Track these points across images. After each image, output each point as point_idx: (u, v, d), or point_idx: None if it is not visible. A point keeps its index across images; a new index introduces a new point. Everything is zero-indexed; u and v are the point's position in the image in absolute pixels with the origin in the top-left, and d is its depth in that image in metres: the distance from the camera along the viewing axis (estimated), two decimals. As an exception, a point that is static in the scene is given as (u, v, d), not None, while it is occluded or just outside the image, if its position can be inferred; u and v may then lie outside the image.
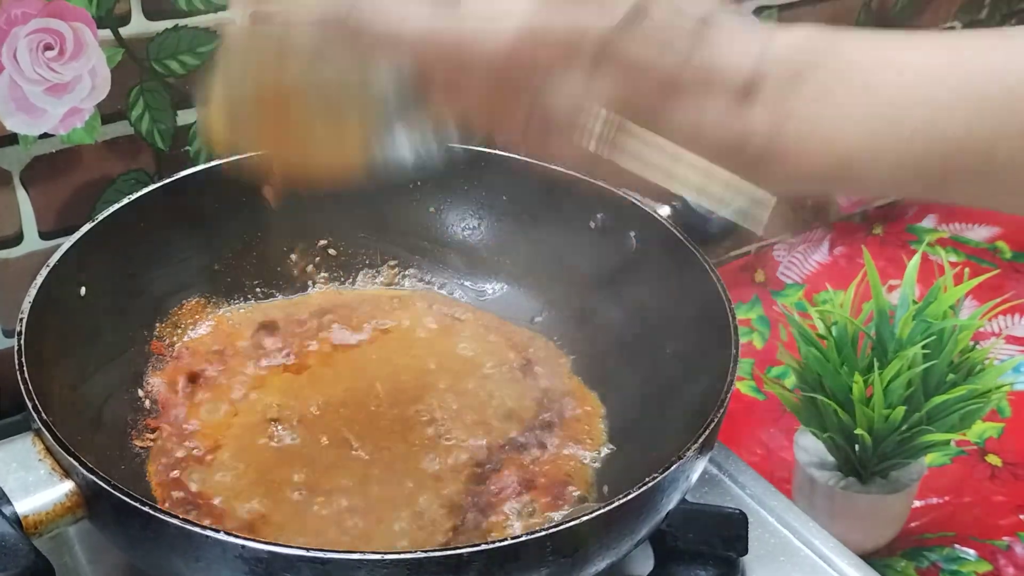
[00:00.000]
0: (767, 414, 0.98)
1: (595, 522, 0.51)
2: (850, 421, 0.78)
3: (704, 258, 0.69)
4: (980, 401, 0.77)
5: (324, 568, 0.48)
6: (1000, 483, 0.92)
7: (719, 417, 0.58)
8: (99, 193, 0.76)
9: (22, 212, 0.74)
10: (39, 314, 0.61)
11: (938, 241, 1.24)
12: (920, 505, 0.89)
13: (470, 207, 0.81)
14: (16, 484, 0.53)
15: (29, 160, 0.72)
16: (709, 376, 0.63)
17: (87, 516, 0.54)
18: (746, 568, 0.67)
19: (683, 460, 0.55)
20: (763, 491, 0.74)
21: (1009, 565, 0.85)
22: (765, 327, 1.09)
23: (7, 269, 0.74)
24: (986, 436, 0.96)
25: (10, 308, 0.74)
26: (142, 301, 0.72)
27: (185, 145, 0.78)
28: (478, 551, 0.49)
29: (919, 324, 0.78)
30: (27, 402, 0.55)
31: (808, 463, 0.84)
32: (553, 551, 0.51)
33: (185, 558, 0.50)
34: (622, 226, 0.75)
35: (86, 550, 0.65)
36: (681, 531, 0.64)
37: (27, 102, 0.70)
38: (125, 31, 0.72)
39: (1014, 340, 1.07)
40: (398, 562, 0.48)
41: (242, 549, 0.48)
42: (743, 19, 0.45)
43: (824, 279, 1.15)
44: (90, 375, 0.66)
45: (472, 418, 0.70)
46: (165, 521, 0.49)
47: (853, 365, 0.79)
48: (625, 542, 0.55)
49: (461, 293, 0.81)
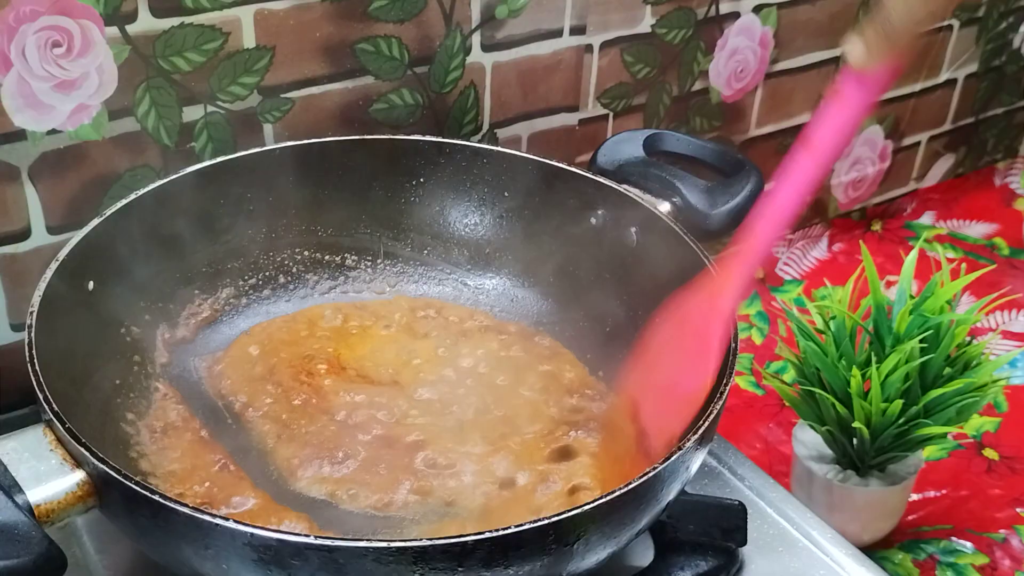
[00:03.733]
0: (766, 408, 0.99)
1: (596, 511, 0.52)
2: (848, 415, 0.78)
3: (704, 253, 0.69)
4: (977, 395, 0.78)
5: (331, 555, 0.49)
6: (997, 476, 0.93)
7: (718, 409, 0.59)
8: (106, 188, 0.76)
9: (30, 207, 0.74)
10: (48, 308, 0.62)
11: (936, 237, 1.25)
12: (917, 498, 0.90)
13: (472, 204, 0.82)
14: (28, 473, 0.53)
15: (37, 156, 0.73)
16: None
17: (98, 505, 0.55)
18: (745, 558, 0.68)
19: (682, 451, 0.56)
20: (762, 483, 0.75)
21: (1005, 557, 0.85)
22: (764, 323, 1.09)
23: (16, 264, 0.75)
24: (983, 430, 0.97)
25: (19, 302, 0.75)
26: (149, 295, 0.72)
27: (191, 141, 0.79)
28: (482, 539, 0.50)
29: (916, 319, 0.79)
30: (38, 394, 0.56)
31: (806, 456, 0.85)
32: (555, 539, 0.52)
33: (195, 546, 0.51)
34: (623, 222, 0.75)
35: (94, 540, 0.66)
36: (681, 522, 0.65)
37: (35, 98, 0.71)
38: (132, 28, 0.73)
39: (1010, 335, 1.08)
40: (404, 549, 0.49)
41: (251, 537, 0.49)
42: None
43: (823, 275, 1.15)
44: (99, 367, 0.67)
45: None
46: (175, 510, 0.50)
47: (851, 359, 0.80)
48: (625, 532, 0.56)
49: (462, 289, 0.81)
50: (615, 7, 0.94)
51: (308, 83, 0.82)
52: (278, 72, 0.80)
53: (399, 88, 0.86)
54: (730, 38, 1.03)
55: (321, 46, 0.81)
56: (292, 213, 0.79)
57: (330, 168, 0.79)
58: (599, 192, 0.76)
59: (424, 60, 0.86)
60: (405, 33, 0.84)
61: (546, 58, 0.92)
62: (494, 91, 0.91)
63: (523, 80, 0.92)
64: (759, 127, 1.12)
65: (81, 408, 0.62)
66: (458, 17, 0.86)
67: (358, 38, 0.82)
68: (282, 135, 0.82)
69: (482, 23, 0.87)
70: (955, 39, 1.22)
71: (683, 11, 0.99)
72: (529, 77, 0.92)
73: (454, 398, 0.72)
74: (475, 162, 0.80)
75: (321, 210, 0.80)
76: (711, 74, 1.05)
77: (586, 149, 0.97)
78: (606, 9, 0.93)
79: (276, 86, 0.80)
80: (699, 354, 0.62)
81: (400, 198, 0.81)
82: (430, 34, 0.85)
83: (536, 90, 0.93)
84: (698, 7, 0.99)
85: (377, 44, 0.83)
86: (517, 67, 0.91)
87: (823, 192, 1.22)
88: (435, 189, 0.81)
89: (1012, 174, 1.37)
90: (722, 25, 1.02)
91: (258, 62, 0.79)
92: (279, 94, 0.81)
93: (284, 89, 0.81)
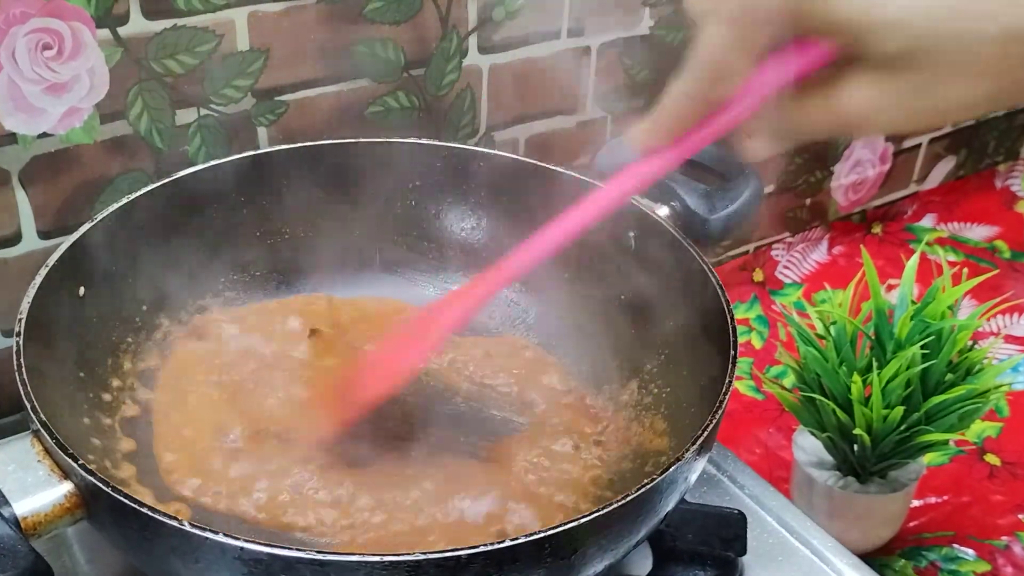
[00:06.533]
0: (766, 414, 0.98)
1: (593, 523, 0.51)
2: (849, 421, 0.78)
3: (702, 258, 0.69)
4: (979, 401, 0.78)
5: (323, 569, 0.48)
6: (999, 483, 0.92)
7: (718, 418, 0.58)
8: (98, 193, 0.76)
9: (21, 211, 0.74)
10: (38, 314, 0.61)
11: (937, 240, 1.24)
12: (919, 505, 0.89)
13: (468, 208, 0.81)
14: (15, 485, 0.52)
15: (28, 160, 0.72)
16: (707, 376, 0.63)
17: (86, 517, 0.54)
18: (745, 568, 0.68)
19: (682, 461, 0.55)
20: (762, 491, 0.74)
21: (1007, 564, 0.85)
22: (764, 327, 1.09)
23: (5, 269, 0.74)
24: (985, 436, 0.96)
25: (8, 308, 0.74)
26: (141, 301, 0.72)
27: (184, 145, 0.78)
28: (476, 552, 0.49)
29: (918, 324, 0.78)
30: (25, 403, 0.55)
31: (807, 463, 0.84)
32: (551, 552, 0.51)
33: (184, 559, 0.50)
34: (620, 226, 0.75)
35: (84, 550, 0.66)
36: (680, 531, 0.64)
37: (26, 102, 0.70)
38: (124, 31, 0.72)
39: (1013, 339, 1.08)
40: (397, 563, 0.48)
41: (241, 551, 0.48)
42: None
43: (823, 278, 1.15)
44: (88, 375, 0.66)
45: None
46: (164, 522, 0.49)
47: (852, 365, 0.79)
48: (624, 543, 0.55)
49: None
50: (613, 9, 0.93)
51: (303, 86, 0.81)
52: (272, 75, 0.79)
53: (395, 91, 0.85)
54: (729, 40, 1.02)
55: (316, 48, 0.80)
56: (286, 217, 0.79)
57: (325, 172, 0.78)
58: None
59: (420, 62, 0.85)
60: (401, 35, 0.83)
61: (544, 60, 0.91)
62: (491, 94, 0.90)
63: (520, 83, 0.91)
64: (759, 129, 1.11)
65: (71, 417, 0.61)
66: (454, 19, 0.85)
67: (353, 40, 0.82)
68: (276, 138, 0.81)
69: (479, 25, 0.86)
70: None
71: (682, 12, 0.98)
72: (526, 80, 0.91)
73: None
74: (472, 166, 0.80)
75: (315, 214, 0.79)
76: (710, 76, 1.04)
77: (584, 152, 0.97)
78: (604, 11, 0.93)
79: (270, 89, 0.80)
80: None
81: (396, 202, 0.81)
82: (426, 36, 0.85)
83: (534, 93, 0.92)
84: (697, 8, 0.99)
85: (373, 46, 0.83)
86: (514, 69, 0.90)
87: (823, 195, 1.22)
88: (431, 193, 0.81)
89: (1013, 176, 1.37)
90: (721, 27, 1.01)
91: (252, 64, 0.78)
92: (273, 97, 0.80)
93: (278, 92, 0.80)
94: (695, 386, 0.67)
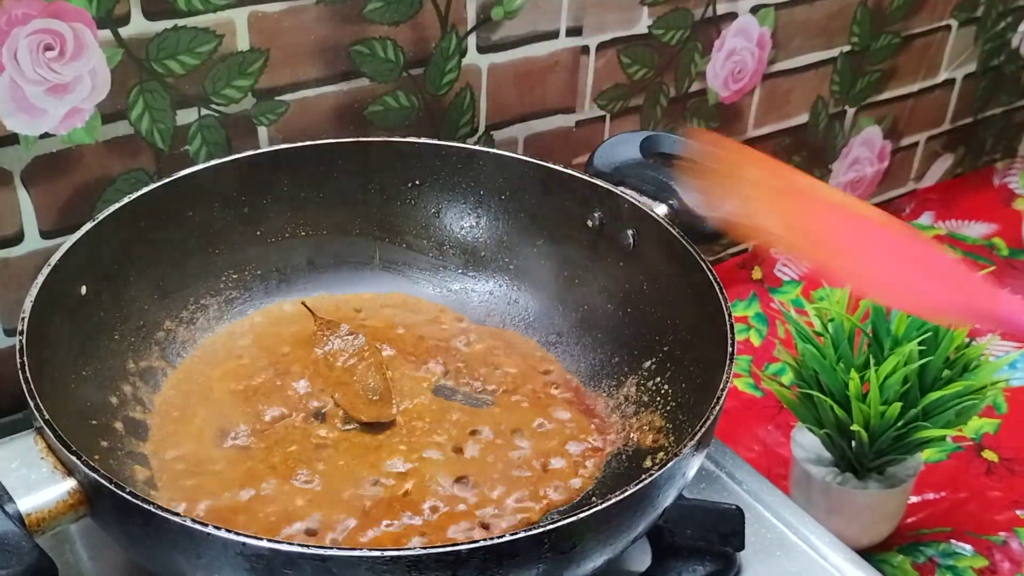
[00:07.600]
0: (764, 411, 0.99)
1: (592, 518, 0.52)
2: (846, 417, 0.78)
3: (700, 256, 0.69)
4: (976, 397, 0.78)
5: (324, 565, 0.48)
6: (996, 479, 0.92)
7: (715, 413, 0.58)
8: (99, 193, 0.76)
9: (23, 211, 0.74)
10: (40, 313, 0.61)
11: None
12: (916, 501, 0.90)
13: (468, 207, 0.81)
14: (18, 482, 0.53)
15: (30, 160, 0.73)
16: (706, 373, 0.64)
17: (89, 514, 0.54)
18: (743, 563, 0.68)
19: (680, 457, 0.55)
20: (760, 487, 0.74)
21: (1005, 560, 0.85)
22: (762, 324, 1.09)
23: (8, 268, 0.75)
24: (982, 432, 0.96)
25: (11, 307, 0.75)
26: (143, 300, 0.72)
27: (184, 145, 0.78)
28: (476, 547, 0.49)
29: (915, 321, 0.79)
30: (29, 401, 0.55)
31: (805, 459, 0.84)
32: (551, 547, 0.51)
33: (186, 555, 0.51)
34: (619, 225, 0.75)
35: (87, 547, 0.66)
36: (678, 527, 0.65)
37: (27, 102, 0.71)
38: (125, 31, 0.72)
39: (1009, 336, 1.08)
40: (398, 559, 0.48)
41: (243, 547, 0.49)
42: None
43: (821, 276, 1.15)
44: (91, 374, 0.66)
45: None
46: (166, 519, 0.49)
47: (849, 362, 0.79)
48: (622, 538, 0.56)
49: (457, 292, 0.81)
50: (612, 8, 0.94)
51: (303, 86, 0.81)
52: (272, 75, 0.79)
53: (394, 90, 0.86)
54: (727, 39, 1.03)
55: (316, 48, 0.80)
56: (286, 216, 0.79)
57: (325, 171, 0.79)
58: (595, 194, 0.76)
59: (420, 62, 0.86)
60: (400, 35, 0.84)
61: (542, 60, 0.91)
62: (490, 93, 0.90)
63: (519, 82, 0.91)
64: (757, 128, 1.11)
65: (73, 415, 0.61)
66: (454, 19, 0.85)
67: (353, 40, 0.82)
68: (277, 138, 0.82)
69: (478, 25, 0.87)
70: (953, 39, 1.22)
71: (680, 12, 0.98)
72: (525, 79, 0.92)
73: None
74: (471, 164, 0.80)
75: (316, 213, 0.79)
76: (708, 75, 1.04)
77: (583, 151, 0.97)
78: (603, 10, 0.93)
79: (271, 89, 0.80)
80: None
81: (396, 201, 0.81)
82: (425, 36, 0.85)
83: (532, 92, 0.93)
84: (695, 8, 0.99)
85: (372, 46, 0.83)
86: (513, 69, 0.90)
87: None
88: (431, 192, 0.81)
89: (1011, 174, 1.37)
90: (719, 26, 1.02)
91: (252, 65, 0.78)
92: (274, 97, 0.80)
93: (279, 92, 0.81)
94: (693, 383, 0.67)
